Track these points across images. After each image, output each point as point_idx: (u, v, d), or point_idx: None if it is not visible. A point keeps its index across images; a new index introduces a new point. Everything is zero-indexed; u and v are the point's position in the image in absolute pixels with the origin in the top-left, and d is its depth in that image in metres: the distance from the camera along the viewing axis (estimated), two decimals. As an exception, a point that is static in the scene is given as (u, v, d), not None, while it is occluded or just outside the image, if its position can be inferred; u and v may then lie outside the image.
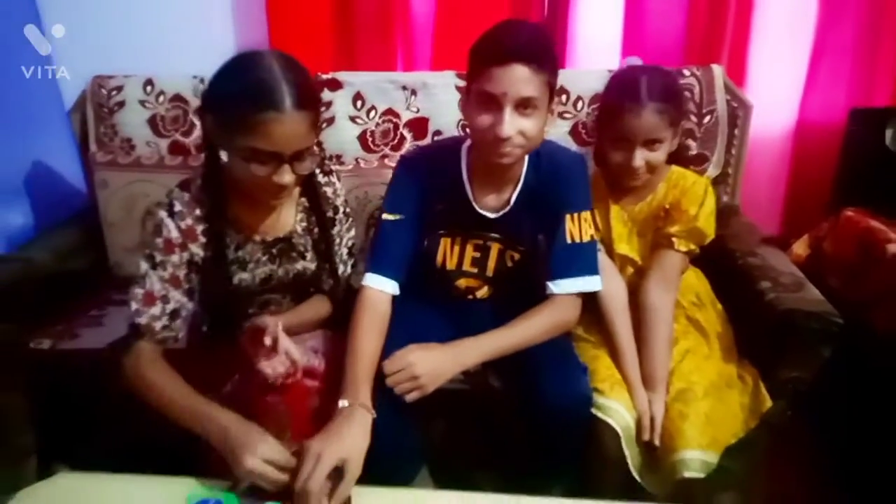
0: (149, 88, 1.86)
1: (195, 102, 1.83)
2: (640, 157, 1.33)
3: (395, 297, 1.30)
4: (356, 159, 1.83)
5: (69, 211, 2.03)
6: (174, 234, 1.17)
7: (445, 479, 1.35)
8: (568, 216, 1.29)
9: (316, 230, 1.30)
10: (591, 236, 1.31)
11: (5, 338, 1.26)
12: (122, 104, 1.86)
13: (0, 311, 1.46)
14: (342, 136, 1.83)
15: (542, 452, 1.24)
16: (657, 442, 1.25)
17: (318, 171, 1.29)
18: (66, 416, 1.39)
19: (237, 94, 1.06)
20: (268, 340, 1.11)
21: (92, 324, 1.66)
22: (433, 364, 1.19)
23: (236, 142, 1.07)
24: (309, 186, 1.28)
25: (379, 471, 1.08)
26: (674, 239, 1.40)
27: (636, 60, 1.70)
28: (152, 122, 1.86)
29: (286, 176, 1.10)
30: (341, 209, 1.35)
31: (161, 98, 1.86)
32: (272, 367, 1.12)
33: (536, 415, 1.22)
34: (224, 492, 1.04)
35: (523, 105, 1.14)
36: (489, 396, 1.33)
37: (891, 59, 1.96)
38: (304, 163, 1.12)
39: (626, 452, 1.23)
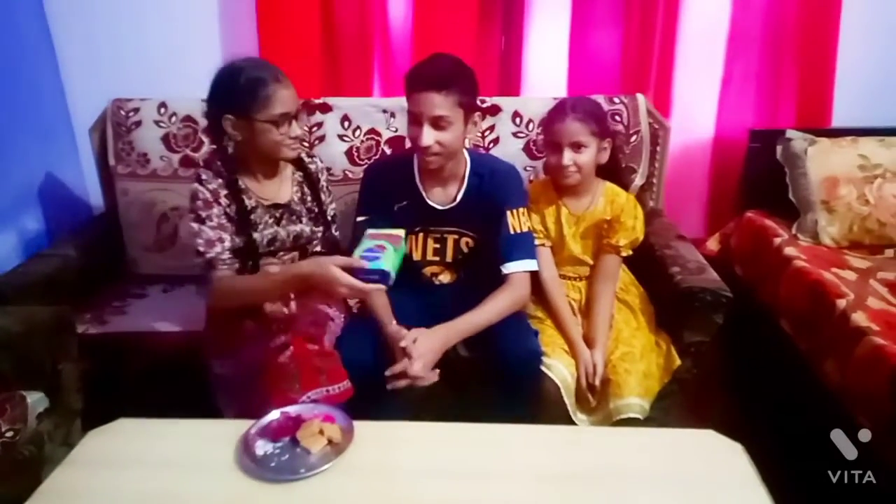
0: (162, 110, 2.12)
1: (204, 122, 2.10)
2: (568, 157, 1.67)
3: None
4: (344, 171, 2.11)
5: (79, 217, 2.27)
6: (206, 194, 1.50)
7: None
8: (509, 212, 1.63)
9: (308, 199, 1.64)
10: (529, 227, 1.67)
11: (65, 316, 1.52)
12: (138, 123, 2.12)
13: (45, 298, 1.74)
14: (332, 151, 2.10)
15: (503, 397, 1.54)
16: (597, 382, 1.59)
17: (304, 154, 1.65)
18: (100, 388, 1.66)
19: (249, 87, 1.43)
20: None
21: (116, 312, 1.92)
22: (430, 348, 1.50)
23: (259, 118, 1.44)
24: (300, 164, 1.64)
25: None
26: (620, 247, 1.75)
27: None
28: (165, 140, 2.12)
29: (297, 129, 1.48)
30: (323, 181, 1.70)
31: (173, 118, 2.12)
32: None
33: (499, 367, 1.54)
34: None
35: (437, 122, 1.48)
36: (459, 363, 1.63)
37: (790, 88, 2.37)
38: (300, 122, 1.50)
39: (566, 399, 1.57)
